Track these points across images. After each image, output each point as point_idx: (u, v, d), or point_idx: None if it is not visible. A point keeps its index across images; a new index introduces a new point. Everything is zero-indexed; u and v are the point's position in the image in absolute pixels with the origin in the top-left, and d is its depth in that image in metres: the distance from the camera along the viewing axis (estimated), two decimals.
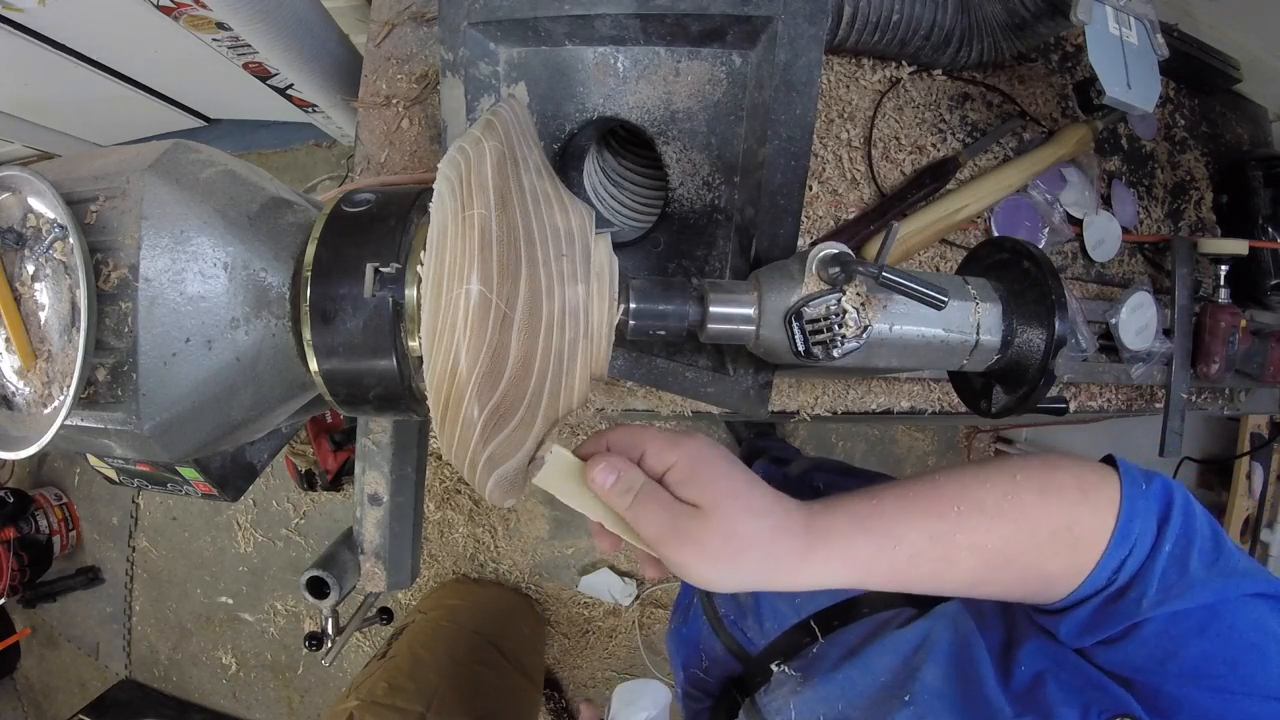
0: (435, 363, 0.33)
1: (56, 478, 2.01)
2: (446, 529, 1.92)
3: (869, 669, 0.48)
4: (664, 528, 0.34)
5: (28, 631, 2.03)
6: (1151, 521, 0.36)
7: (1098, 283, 0.87)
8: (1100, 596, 0.37)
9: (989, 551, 0.36)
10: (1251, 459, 1.24)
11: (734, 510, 0.34)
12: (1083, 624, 0.38)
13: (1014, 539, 0.36)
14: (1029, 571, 0.37)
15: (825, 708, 0.48)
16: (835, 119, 0.76)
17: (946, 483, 0.37)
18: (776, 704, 0.52)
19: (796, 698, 0.51)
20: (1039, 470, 0.38)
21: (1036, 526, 0.36)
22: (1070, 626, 0.38)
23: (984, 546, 0.36)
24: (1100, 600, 0.37)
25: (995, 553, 0.36)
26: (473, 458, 0.35)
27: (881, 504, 0.37)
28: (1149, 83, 0.69)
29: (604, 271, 0.40)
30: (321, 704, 1.96)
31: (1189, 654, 0.34)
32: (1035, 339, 0.46)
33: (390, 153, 0.75)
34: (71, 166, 0.38)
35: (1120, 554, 0.35)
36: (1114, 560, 0.35)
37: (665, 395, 0.74)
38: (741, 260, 0.56)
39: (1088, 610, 0.37)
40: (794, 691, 0.51)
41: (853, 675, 0.49)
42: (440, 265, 0.33)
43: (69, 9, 1.08)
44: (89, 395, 0.35)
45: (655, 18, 0.51)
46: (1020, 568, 0.36)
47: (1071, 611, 0.38)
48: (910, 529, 0.36)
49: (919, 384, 0.82)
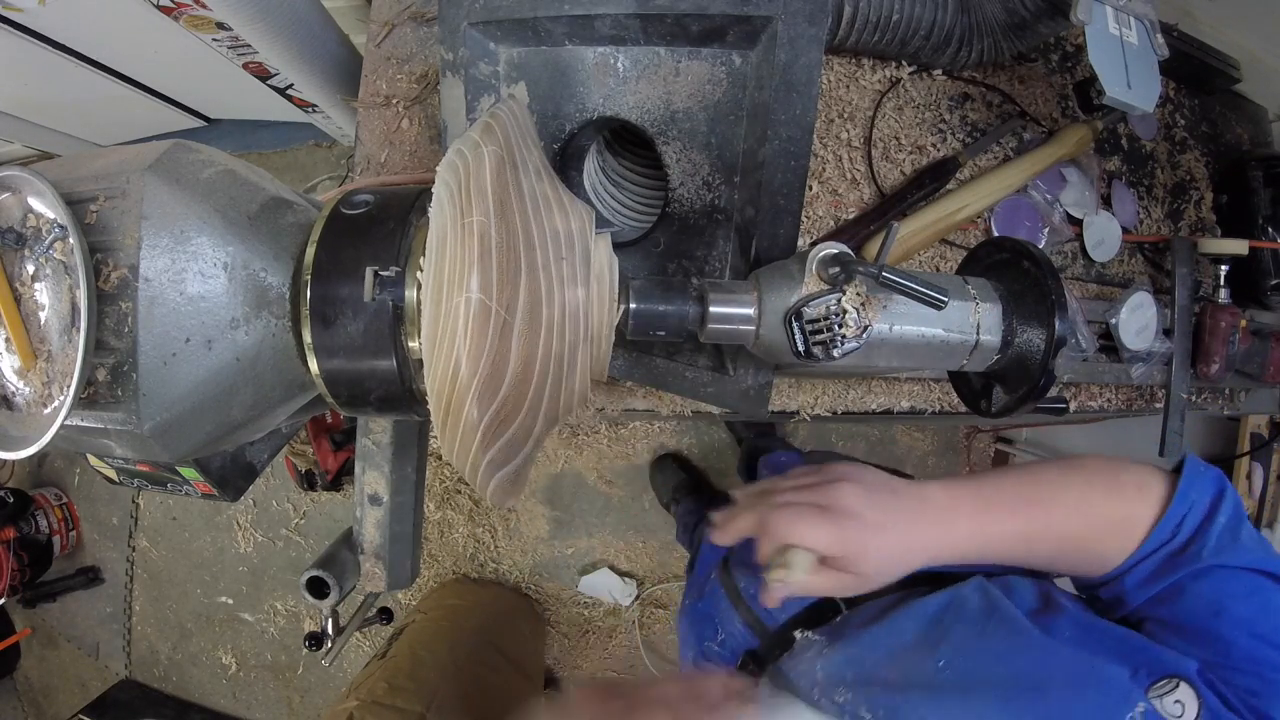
0: (436, 369, 0.33)
1: (56, 478, 2.01)
2: (446, 529, 1.93)
3: (896, 630, 0.49)
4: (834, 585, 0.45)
5: (28, 631, 2.03)
6: (1207, 495, 0.45)
7: (1098, 283, 0.87)
8: (1165, 549, 0.44)
9: (1063, 539, 0.46)
10: (1251, 459, 1.25)
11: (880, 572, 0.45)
12: (1150, 572, 0.45)
13: (1084, 529, 0.46)
14: (1091, 553, 0.46)
15: (853, 668, 0.49)
16: (835, 119, 0.76)
17: (1034, 488, 0.47)
18: (802, 667, 0.52)
19: (822, 659, 0.51)
20: (1107, 474, 0.47)
21: (1101, 519, 0.46)
22: (1136, 577, 0.45)
23: (1060, 535, 0.46)
24: (1165, 553, 0.44)
25: (1068, 539, 0.46)
26: (474, 461, 0.35)
27: (992, 507, 0.46)
28: (1149, 83, 0.69)
29: (604, 273, 0.40)
30: (321, 704, 1.96)
31: (1238, 609, 0.41)
32: (1035, 339, 0.46)
33: (390, 153, 0.75)
34: (71, 166, 0.38)
35: (1180, 511, 0.44)
36: (1174, 518, 0.44)
37: (665, 395, 0.74)
38: (741, 260, 0.56)
39: (1154, 561, 0.45)
40: (819, 654, 0.52)
41: (880, 635, 0.49)
42: (439, 273, 0.33)
43: (69, 9, 1.08)
44: (89, 395, 0.35)
45: (655, 18, 0.51)
46: (1085, 550, 0.46)
47: (1138, 566, 0.45)
48: (1006, 527, 0.46)
49: (919, 384, 0.82)
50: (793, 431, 1.93)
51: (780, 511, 0.45)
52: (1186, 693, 0.39)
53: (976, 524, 0.46)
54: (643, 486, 1.92)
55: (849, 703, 0.47)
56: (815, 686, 0.50)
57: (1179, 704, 0.38)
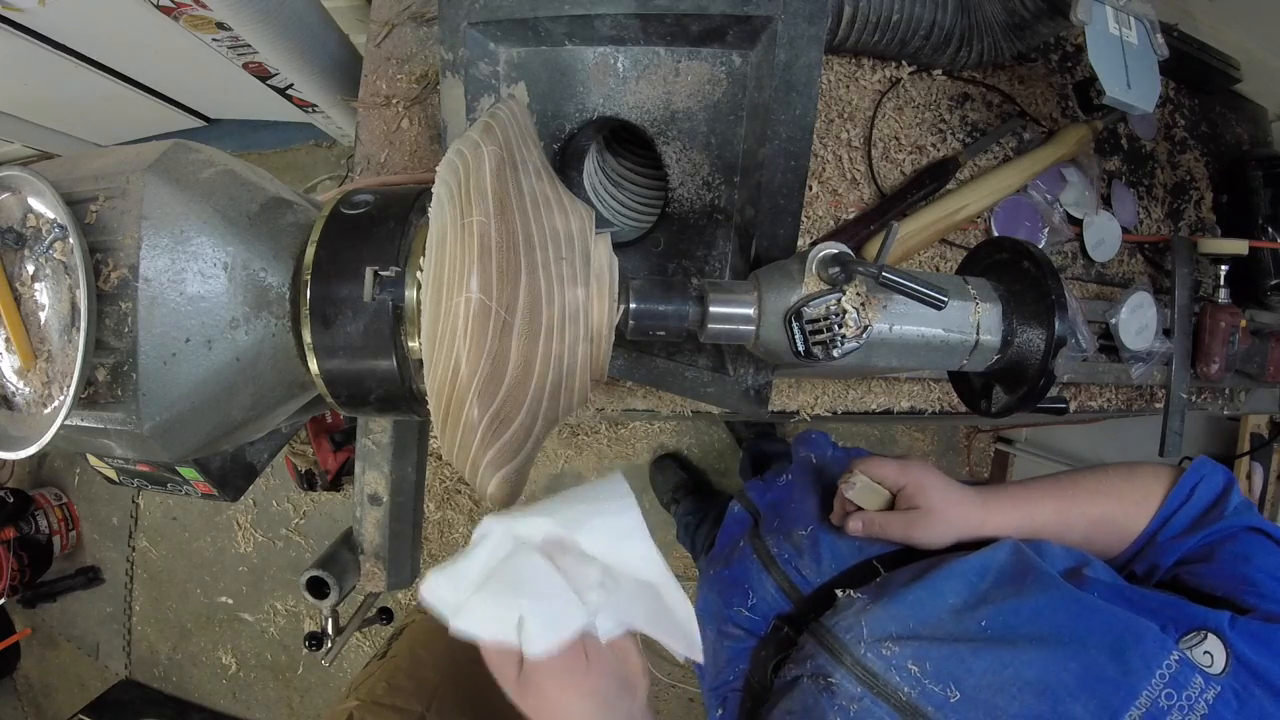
0: (436, 369, 0.33)
1: (56, 478, 2.01)
2: (446, 529, 1.92)
3: (937, 591, 0.51)
4: (903, 529, 0.57)
5: (28, 631, 2.03)
6: (1218, 474, 0.54)
7: (1098, 283, 0.87)
8: (1185, 508, 0.53)
9: (1092, 518, 0.56)
10: (1251, 459, 1.24)
11: (940, 509, 0.56)
12: (1180, 529, 0.53)
13: (1109, 507, 0.55)
14: (1118, 526, 0.55)
15: (896, 625, 0.50)
16: (835, 119, 0.76)
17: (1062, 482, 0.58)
18: (846, 623, 0.53)
19: (867, 614, 0.52)
20: (1124, 468, 0.58)
21: (1123, 497, 0.55)
22: (1168, 533, 0.53)
23: (1089, 515, 0.56)
24: (1190, 512, 0.53)
25: (1097, 518, 0.55)
26: (474, 460, 0.35)
27: (1030, 493, 0.58)
28: (1149, 83, 0.69)
29: (604, 273, 0.40)
30: (321, 704, 1.96)
31: (1261, 560, 0.48)
32: (1035, 339, 0.46)
33: (390, 153, 0.75)
34: (71, 166, 0.38)
35: (1191, 481, 0.53)
36: (1186, 486, 0.53)
37: (665, 395, 0.74)
38: (741, 260, 0.56)
39: (1182, 518, 0.53)
40: (863, 610, 0.53)
41: (922, 596, 0.51)
42: (439, 272, 0.33)
43: (69, 9, 1.08)
44: (89, 395, 0.35)
45: (655, 18, 0.51)
46: (1113, 524, 0.55)
47: (1166, 524, 0.53)
48: (1045, 508, 0.56)
49: (919, 384, 0.82)
50: (793, 432, 1.93)
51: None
52: (1215, 644, 0.42)
53: (1019, 503, 0.57)
54: (643, 486, 1.92)
55: (895, 656, 0.48)
56: (861, 641, 0.51)
57: (1208, 654, 0.42)
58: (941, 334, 0.45)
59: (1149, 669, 0.41)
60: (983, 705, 0.44)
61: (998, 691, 0.44)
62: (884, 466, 0.59)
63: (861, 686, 0.49)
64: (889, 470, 0.59)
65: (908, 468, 0.58)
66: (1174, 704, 0.40)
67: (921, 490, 0.56)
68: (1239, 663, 0.41)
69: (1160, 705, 0.40)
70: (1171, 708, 0.40)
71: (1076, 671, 0.42)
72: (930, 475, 0.58)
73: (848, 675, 0.50)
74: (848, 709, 0.49)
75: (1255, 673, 0.41)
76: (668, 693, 1.94)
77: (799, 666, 0.54)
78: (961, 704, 0.44)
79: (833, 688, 0.50)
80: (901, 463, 0.59)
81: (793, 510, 0.70)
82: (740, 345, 0.49)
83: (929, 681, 0.46)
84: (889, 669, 0.48)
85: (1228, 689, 0.40)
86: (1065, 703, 0.42)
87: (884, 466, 0.59)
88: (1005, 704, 0.43)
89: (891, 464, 0.59)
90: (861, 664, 0.50)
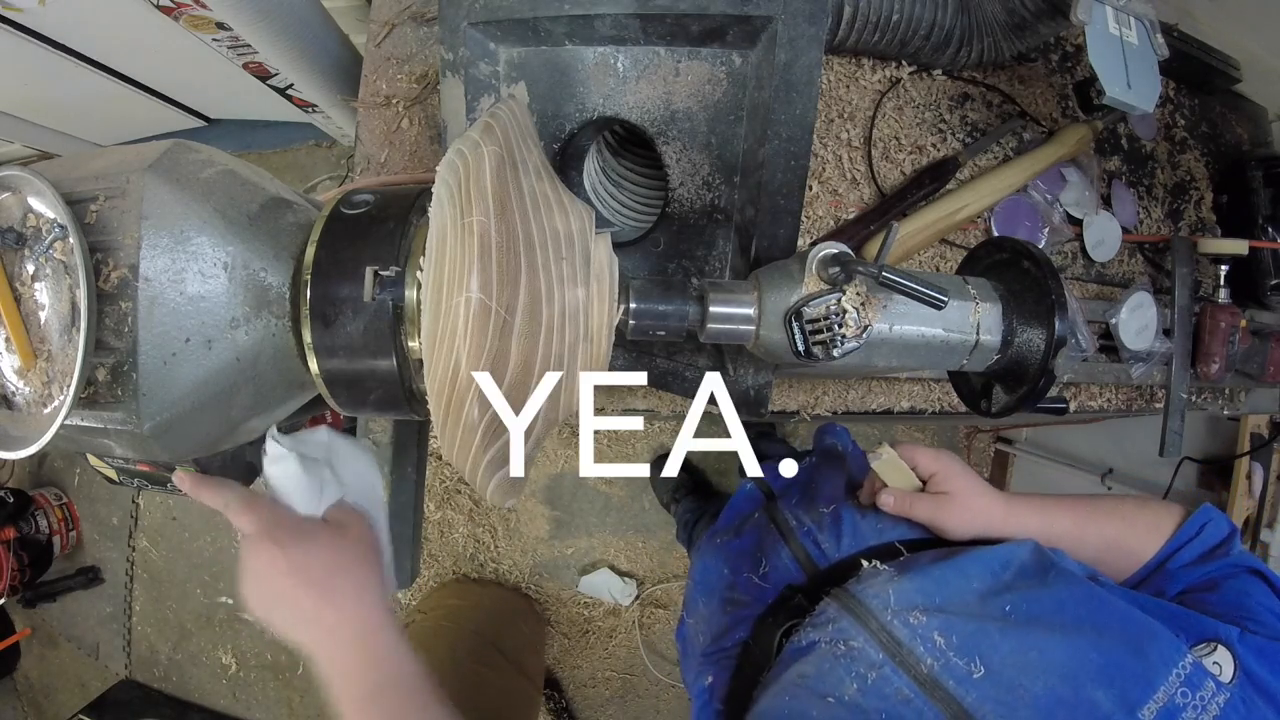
0: (436, 369, 0.33)
1: (56, 478, 2.01)
2: (446, 529, 1.92)
3: (963, 573, 0.51)
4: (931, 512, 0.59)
5: (28, 631, 2.02)
6: (1224, 523, 0.56)
7: (1098, 283, 0.87)
8: (1194, 543, 0.55)
9: (1105, 539, 0.58)
10: (1251, 459, 1.24)
11: (968, 498, 0.59)
12: (1190, 560, 0.55)
13: (1121, 530, 0.58)
14: (1128, 550, 0.57)
15: (923, 598, 0.50)
16: (835, 119, 0.76)
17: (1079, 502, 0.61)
18: (873, 590, 0.53)
19: (894, 585, 0.52)
20: (1137, 499, 0.62)
21: (1135, 524, 0.58)
22: (1178, 562, 0.55)
23: (1103, 535, 0.58)
24: (1198, 547, 0.55)
25: (1109, 539, 0.58)
26: (474, 461, 0.35)
27: (1048, 505, 0.60)
28: (1149, 83, 0.69)
29: (604, 273, 0.40)
30: (321, 704, 1.96)
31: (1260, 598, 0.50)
32: (1035, 339, 0.46)
33: (390, 153, 0.75)
34: (71, 166, 0.38)
35: (1201, 520, 0.56)
36: (1196, 524, 0.56)
37: (665, 395, 0.74)
38: (741, 260, 0.56)
39: (1191, 551, 0.55)
40: (890, 580, 0.53)
41: (949, 575, 0.51)
42: (439, 272, 0.33)
43: (69, 9, 1.08)
44: (89, 395, 0.35)
45: (655, 18, 0.51)
46: (1124, 548, 0.57)
47: (1177, 554, 0.55)
48: (1063, 520, 0.58)
49: (919, 384, 0.82)
50: (793, 431, 1.93)
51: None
52: (1224, 655, 0.44)
53: (1038, 510, 0.59)
54: (643, 486, 1.92)
55: (922, 626, 0.48)
56: (888, 608, 0.51)
57: (1217, 664, 0.43)
58: (941, 334, 0.45)
59: (1166, 666, 0.42)
60: (1006, 684, 0.44)
61: (1022, 671, 0.44)
62: (918, 451, 0.62)
63: (884, 653, 0.49)
64: (923, 456, 0.61)
65: (940, 456, 0.61)
66: (1189, 702, 0.41)
67: (951, 478, 0.59)
68: (1246, 675, 0.43)
69: (1176, 702, 0.41)
70: (1186, 705, 0.41)
71: (1098, 661, 0.43)
72: (960, 465, 0.61)
73: (871, 640, 0.50)
74: (866, 676, 0.48)
75: (1260, 687, 0.43)
76: (668, 693, 1.94)
77: (818, 631, 0.54)
78: (984, 680, 0.45)
79: (854, 653, 0.50)
80: (935, 451, 0.62)
81: (815, 488, 0.71)
82: (740, 345, 0.49)
83: (954, 654, 0.46)
84: (914, 638, 0.48)
85: (1236, 698, 0.41)
86: (1088, 688, 0.42)
87: (918, 451, 0.62)
88: (1029, 684, 0.44)
89: (926, 450, 0.62)
90: (887, 630, 0.49)
